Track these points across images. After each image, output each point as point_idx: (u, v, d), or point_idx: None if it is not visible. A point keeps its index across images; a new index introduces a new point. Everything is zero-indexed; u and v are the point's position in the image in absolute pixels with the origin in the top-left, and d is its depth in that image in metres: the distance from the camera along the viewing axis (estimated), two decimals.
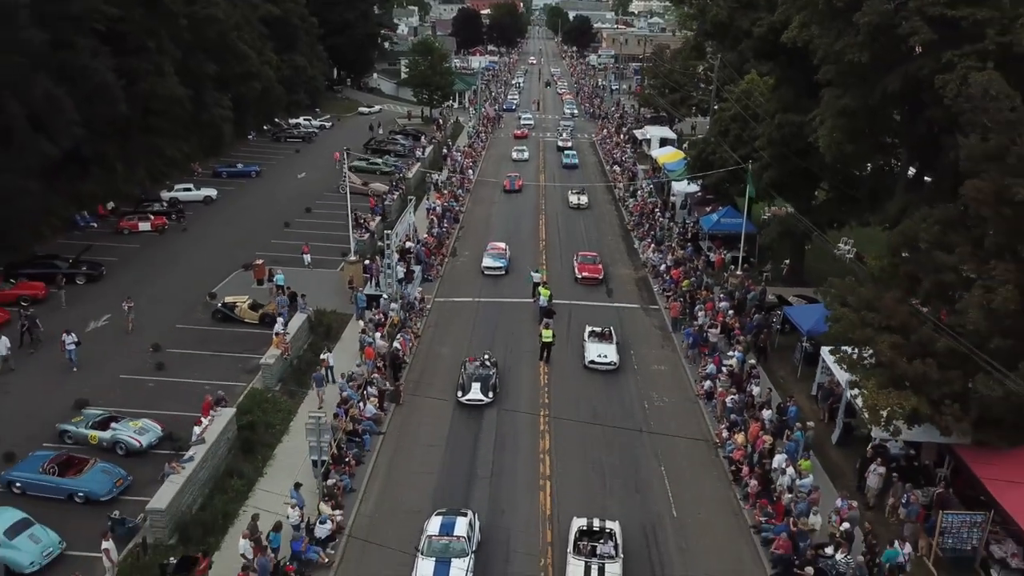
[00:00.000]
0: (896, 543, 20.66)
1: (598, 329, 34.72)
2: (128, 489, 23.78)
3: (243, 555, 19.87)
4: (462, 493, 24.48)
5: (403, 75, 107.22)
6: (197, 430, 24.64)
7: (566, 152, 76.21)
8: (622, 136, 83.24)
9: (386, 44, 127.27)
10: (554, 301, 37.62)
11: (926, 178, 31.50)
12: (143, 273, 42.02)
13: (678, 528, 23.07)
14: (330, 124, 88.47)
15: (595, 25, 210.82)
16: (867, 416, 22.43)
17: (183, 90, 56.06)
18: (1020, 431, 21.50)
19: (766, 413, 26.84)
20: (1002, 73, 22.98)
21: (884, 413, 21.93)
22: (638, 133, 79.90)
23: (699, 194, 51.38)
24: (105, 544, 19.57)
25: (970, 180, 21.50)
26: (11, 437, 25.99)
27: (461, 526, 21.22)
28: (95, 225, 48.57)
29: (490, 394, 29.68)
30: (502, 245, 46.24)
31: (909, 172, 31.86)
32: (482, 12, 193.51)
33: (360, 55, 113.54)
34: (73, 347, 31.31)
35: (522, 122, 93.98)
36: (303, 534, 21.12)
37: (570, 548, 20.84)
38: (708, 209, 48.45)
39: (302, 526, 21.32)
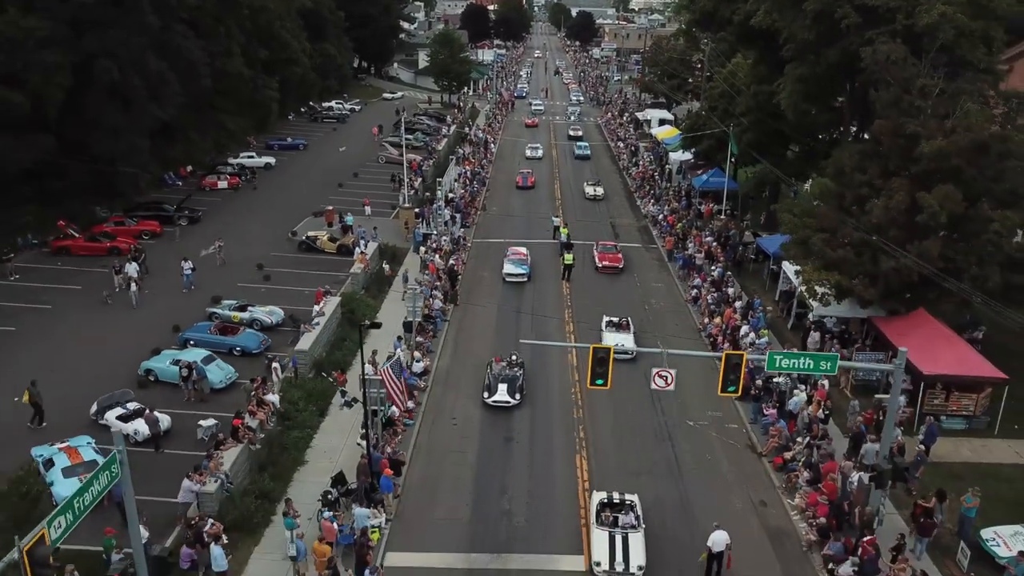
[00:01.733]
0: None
1: (615, 319, 35.06)
2: (267, 349, 32.52)
3: (367, 376, 28.58)
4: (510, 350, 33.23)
5: (421, 65, 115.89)
6: (316, 307, 33.53)
7: (578, 144, 77.90)
8: (624, 119, 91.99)
9: (403, 36, 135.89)
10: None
11: (865, 135, 40.23)
12: (229, 220, 50.69)
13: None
14: (359, 108, 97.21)
15: (597, 21, 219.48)
16: (805, 290, 31.24)
17: (247, 71, 64.69)
18: (913, 299, 30.26)
19: (738, 303, 35.67)
20: (907, 46, 31.78)
21: (818, 289, 30.78)
22: (639, 115, 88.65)
23: (691, 160, 60.13)
24: (275, 364, 28.41)
25: (878, 120, 30.31)
26: (169, 321, 34.69)
27: None
28: (180, 183, 57.42)
29: (517, 396, 28.72)
30: (523, 250, 43.73)
31: (852, 129, 40.56)
32: (489, 8, 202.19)
33: (381, 46, 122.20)
34: (190, 272, 39.74)
35: (533, 109, 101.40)
36: (406, 368, 29.90)
37: (593, 520, 21.56)
38: (699, 172, 57.23)
39: (403, 362, 30.08)
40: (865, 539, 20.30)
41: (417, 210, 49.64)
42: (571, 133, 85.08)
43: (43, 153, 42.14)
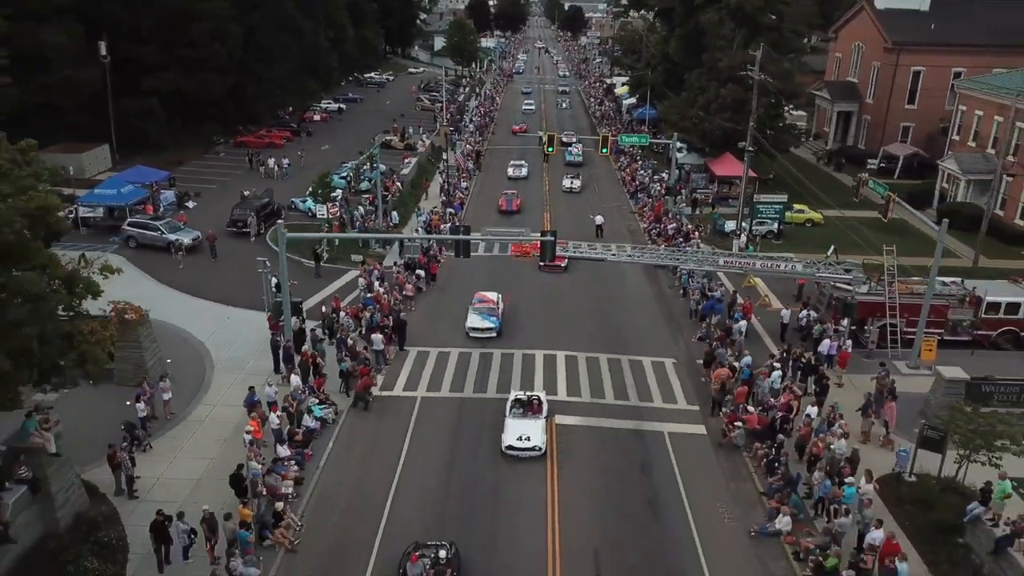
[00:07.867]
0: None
1: (523, 397, 27.06)
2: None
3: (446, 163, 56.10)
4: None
5: (436, 48, 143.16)
6: (404, 162, 61.11)
7: (569, 150, 71.30)
8: (597, 85, 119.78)
9: (420, 24, 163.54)
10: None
11: None
12: (329, 136, 78.18)
13: (607, 216, 59.32)
14: (392, 78, 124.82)
15: (587, 14, 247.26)
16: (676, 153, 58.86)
17: (327, 45, 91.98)
18: (718, 146, 57.57)
19: (640, 162, 63.21)
20: (729, 15, 59.13)
21: (679, 144, 58.33)
22: (608, 81, 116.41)
23: (635, 102, 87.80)
24: (394, 175, 56.00)
25: (704, 54, 57.91)
26: (317, 170, 61.91)
27: None
28: (287, 117, 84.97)
29: None
30: (493, 297, 35.60)
31: None
32: (489, 2, 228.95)
33: (404, 31, 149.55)
34: (288, 165, 66.52)
35: (524, 107, 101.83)
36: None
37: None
38: (637, 107, 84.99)
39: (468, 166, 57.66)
40: (664, 222, 47.97)
41: (451, 128, 77.17)
42: (564, 142, 75.73)
43: (228, 87, 69.47)
